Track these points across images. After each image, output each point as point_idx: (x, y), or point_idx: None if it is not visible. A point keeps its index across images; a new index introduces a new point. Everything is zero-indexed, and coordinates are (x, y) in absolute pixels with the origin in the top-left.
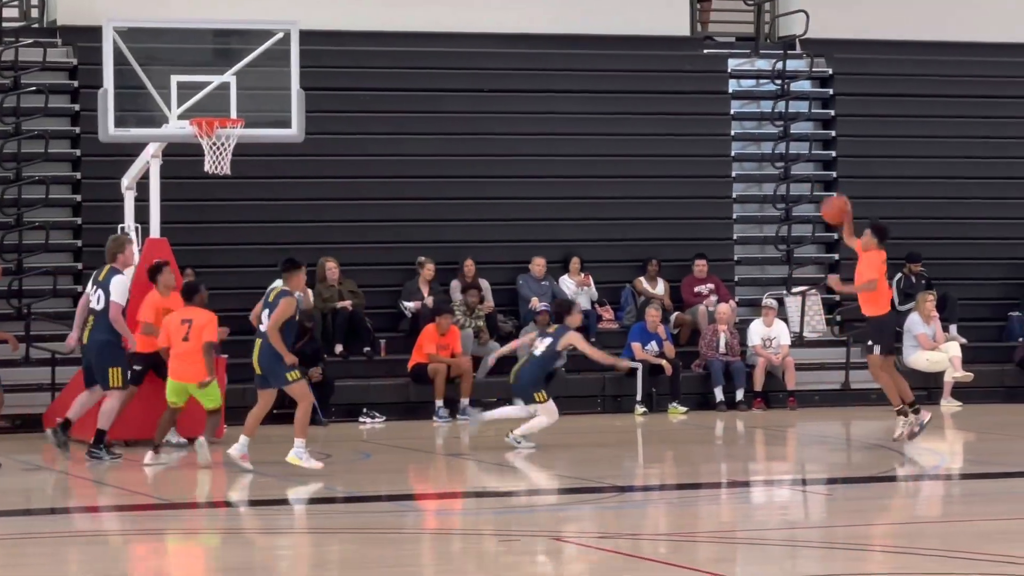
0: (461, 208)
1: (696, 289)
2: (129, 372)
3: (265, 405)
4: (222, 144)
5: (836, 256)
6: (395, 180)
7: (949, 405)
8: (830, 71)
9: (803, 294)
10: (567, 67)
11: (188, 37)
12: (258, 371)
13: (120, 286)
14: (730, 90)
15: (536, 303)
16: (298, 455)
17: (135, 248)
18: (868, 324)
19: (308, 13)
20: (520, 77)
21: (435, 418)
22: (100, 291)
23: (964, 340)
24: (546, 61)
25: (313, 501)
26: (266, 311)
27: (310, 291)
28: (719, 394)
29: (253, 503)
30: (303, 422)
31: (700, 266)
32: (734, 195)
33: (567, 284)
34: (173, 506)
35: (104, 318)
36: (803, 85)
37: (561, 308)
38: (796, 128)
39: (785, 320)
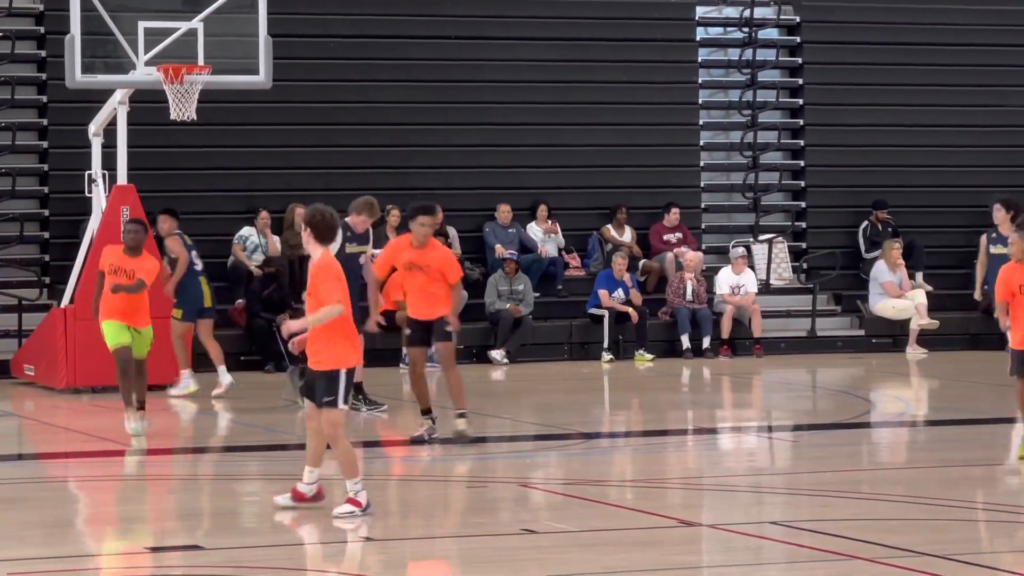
0: (428, 155)
1: (664, 237)
2: None
3: None
4: (186, 91)
5: (803, 204)
6: (362, 127)
7: (915, 352)
8: (798, 19)
9: (770, 242)
10: (534, 14)
11: None
12: None
13: None
14: (697, 38)
15: (502, 250)
16: None
17: None
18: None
19: None
20: (487, 24)
21: (401, 365)
22: None
23: (930, 288)
24: (513, 8)
25: (272, 448)
26: None
27: (276, 238)
28: (685, 341)
29: (225, 449)
30: None
31: (673, 214)
32: (701, 143)
33: (534, 231)
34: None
35: None
36: (771, 33)
37: None
38: (764, 76)
39: (751, 268)
